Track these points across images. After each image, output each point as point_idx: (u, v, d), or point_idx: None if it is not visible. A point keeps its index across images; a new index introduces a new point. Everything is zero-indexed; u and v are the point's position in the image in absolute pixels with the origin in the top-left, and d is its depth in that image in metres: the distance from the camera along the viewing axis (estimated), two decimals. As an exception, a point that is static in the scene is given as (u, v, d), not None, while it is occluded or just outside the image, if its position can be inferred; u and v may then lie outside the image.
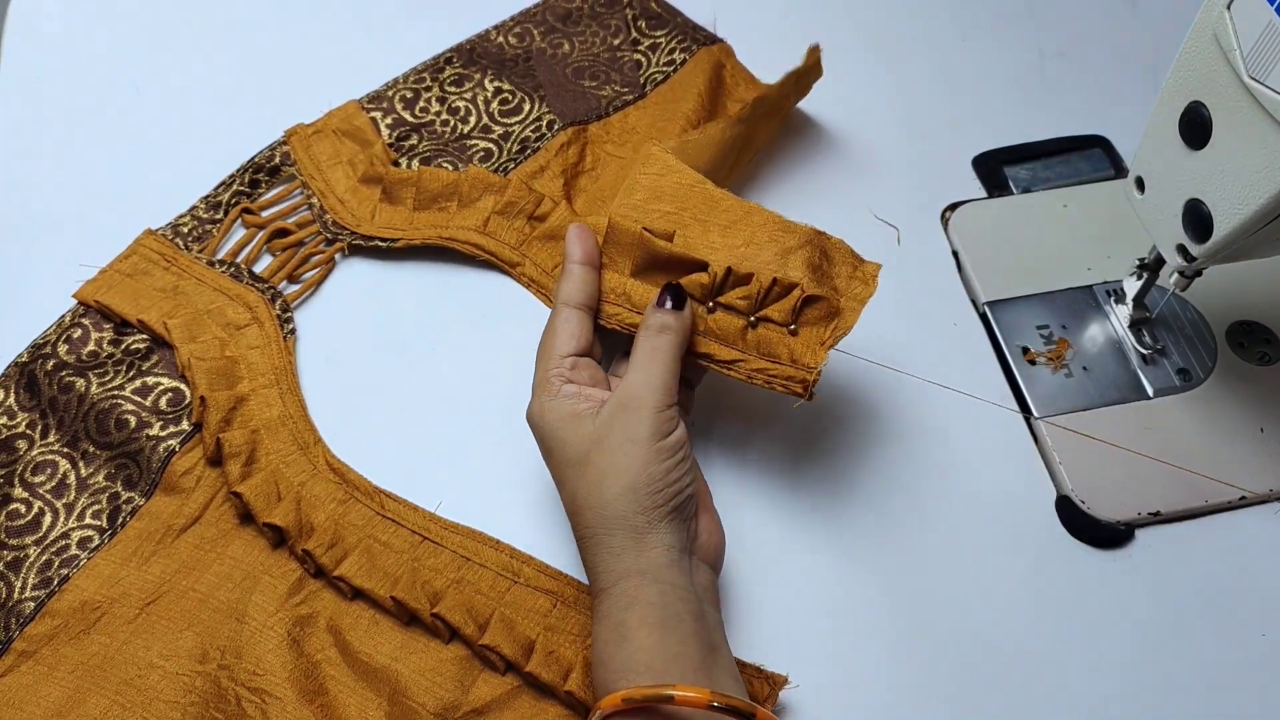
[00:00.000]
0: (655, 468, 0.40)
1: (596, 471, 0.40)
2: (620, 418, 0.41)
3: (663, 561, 0.39)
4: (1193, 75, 0.41)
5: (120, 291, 0.54)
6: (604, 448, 0.41)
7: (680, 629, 0.38)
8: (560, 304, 0.45)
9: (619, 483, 0.40)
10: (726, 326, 0.45)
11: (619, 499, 0.40)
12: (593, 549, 0.40)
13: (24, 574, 0.46)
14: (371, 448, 0.50)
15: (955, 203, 0.59)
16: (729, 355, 0.45)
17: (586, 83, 0.64)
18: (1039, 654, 0.45)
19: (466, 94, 0.63)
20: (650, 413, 0.41)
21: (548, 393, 0.43)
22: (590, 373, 0.44)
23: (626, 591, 0.39)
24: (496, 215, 0.56)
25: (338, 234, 0.57)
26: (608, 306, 0.46)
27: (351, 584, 0.45)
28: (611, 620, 0.39)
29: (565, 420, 0.42)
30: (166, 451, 0.49)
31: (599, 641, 0.39)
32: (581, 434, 0.41)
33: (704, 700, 0.36)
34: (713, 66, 0.63)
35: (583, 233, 0.46)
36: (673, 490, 0.40)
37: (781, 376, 0.44)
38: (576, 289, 0.45)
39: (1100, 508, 0.48)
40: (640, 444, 0.40)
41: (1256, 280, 0.55)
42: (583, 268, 0.45)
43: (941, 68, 0.66)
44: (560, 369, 0.43)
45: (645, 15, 0.67)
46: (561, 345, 0.44)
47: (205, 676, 0.44)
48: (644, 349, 0.43)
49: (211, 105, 0.63)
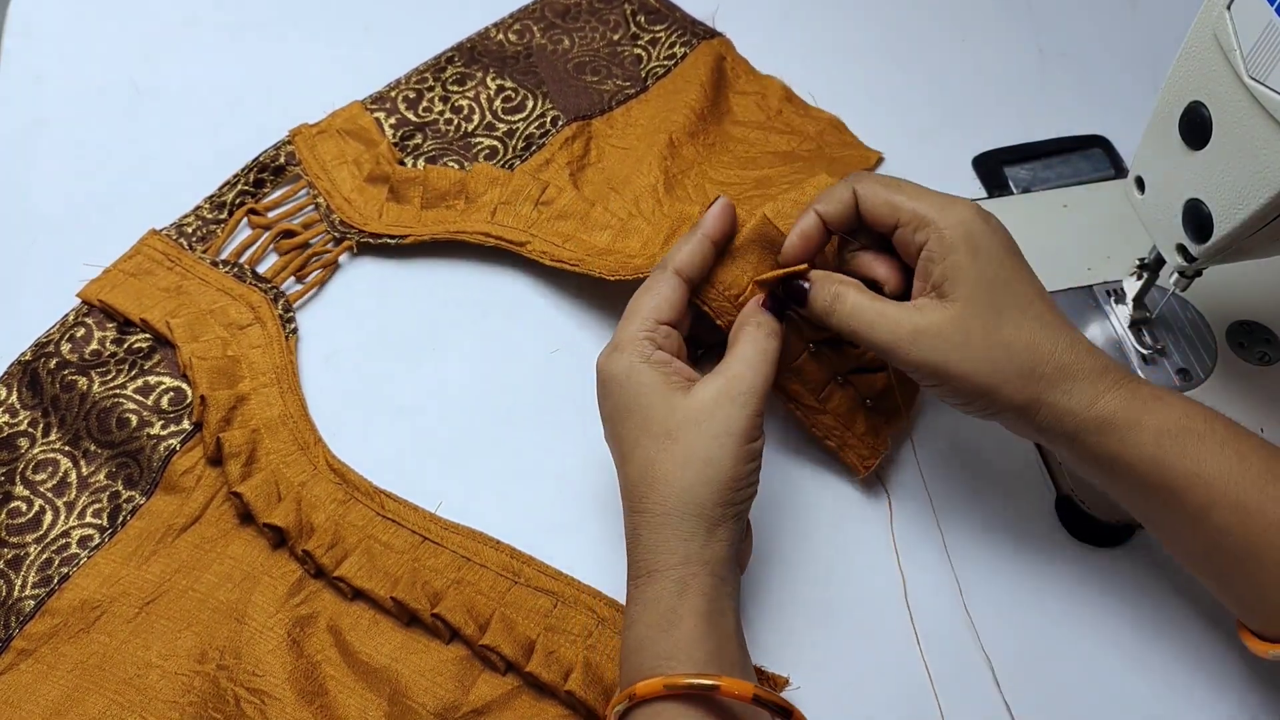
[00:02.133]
0: (743, 467, 0.40)
1: (686, 452, 0.40)
2: (725, 407, 0.40)
3: (724, 556, 0.40)
4: (1193, 75, 0.41)
5: (124, 291, 0.54)
6: (701, 432, 0.40)
7: (725, 624, 0.39)
8: (670, 267, 0.43)
9: (709, 471, 0.39)
10: (815, 373, 0.46)
11: (704, 486, 0.39)
12: (659, 526, 0.39)
13: (24, 572, 0.46)
14: (372, 448, 0.50)
15: (955, 203, 0.59)
16: (810, 400, 0.47)
17: (588, 78, 0.64)
18: (1039, 653, 0.45)
19: (469, 92, 0.63)
20: (751, 412, 0.40)
21: (638, 352, 0.41)
22: (677, 345, 0.43)
23: (683, 578, 0.39)
24: (502, 205, 0.56)
25: (345, 232, 0.57)
26: (713, 291, 0.45)
27: (352, 584, 0.45)
28: (661, 605, 0.38)
29: (656, 387, 0.41)
30: (167, 451, 0.49)
31: (640, 624, 0.39)
32: (671, 405, 0.40)
33: (749, 694, 0.36)
34: (714, 59, 0.64)
35: (726, 211, 0.44)
36: (748, 492, 0.41)
37: (852, 444, 0.48)
38: (692, 257, 0.43)
39: (1100, 508, 0.48)
40: (737, 439, 0.40)
41: (1256, 280, 0.55)
42: (705, 239, 0.44)
43: (941, 68, 0.66)
44: (653, 333, 0.42)
45: (644, 10, 0.68)
46: (660, 309, 0.42)
47: (204, 676, 0.44)
48: (753, 346, 0.42)
49: (213, 106, 0.63)
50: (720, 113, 0.62)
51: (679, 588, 0.38)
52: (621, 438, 0.41)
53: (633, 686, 0.37)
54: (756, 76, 0.64)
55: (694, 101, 0.61)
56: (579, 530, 0.48)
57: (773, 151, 0.60)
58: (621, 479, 0.41)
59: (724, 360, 0.42)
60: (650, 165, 0.58)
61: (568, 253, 0.53)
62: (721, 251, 0.45)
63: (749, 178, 0.58)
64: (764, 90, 0.63)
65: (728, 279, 0.45)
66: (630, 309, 0.43)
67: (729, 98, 0.63)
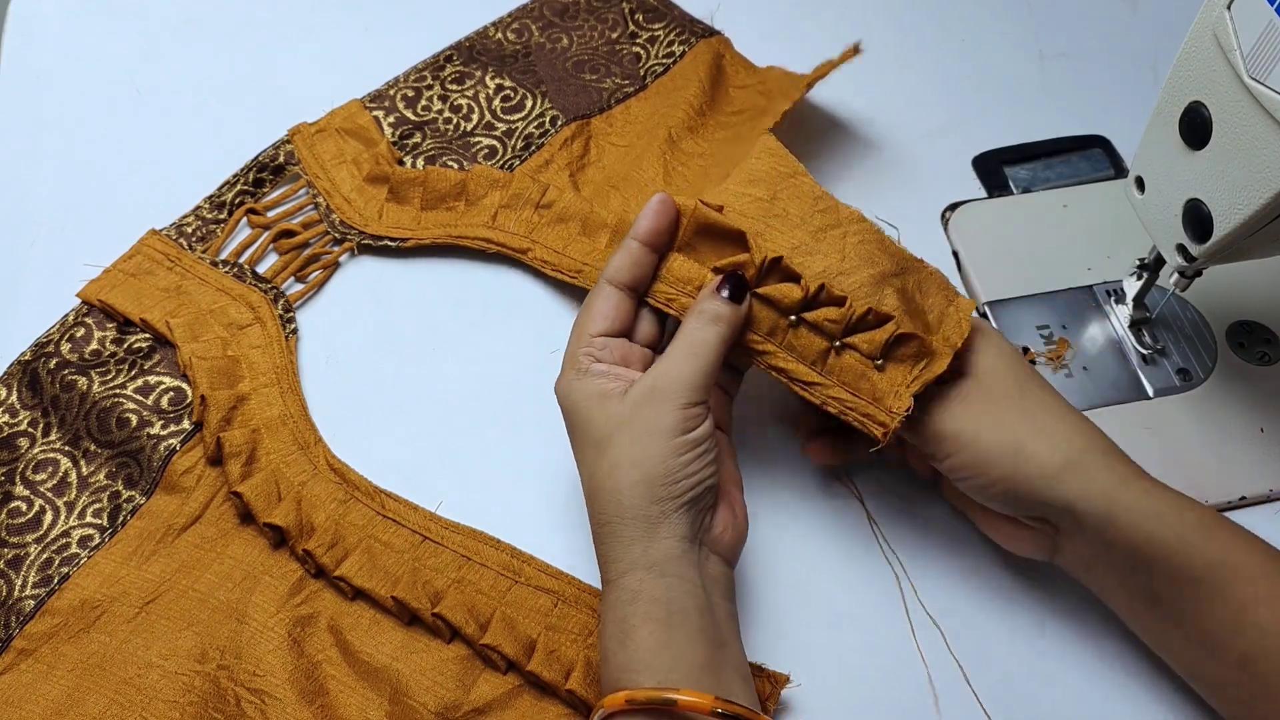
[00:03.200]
0: (674, 461, 0.39)
1: (614, 457, 0.39)
2: (647, 405, 0.39)
3: (674, 553, 0.39)
4: (1193, 75, 0.41)
5: (124, 291, 0.54)
6: (626, 433, 0.39)
7: (686, 626, 0.38)
8: (603, 280, 0.43)
9: (636, 473, 0.39)
10: (808, 345, 0.43)
11: (634, 488, 0.39)
12: (604, 536, 0.40)
13: (24, 572, 0.46)
14: (372, 448, 0.50)
15: (955, 203, 0.59)
16: (807, 376, 0.43)
17: (587, 76, 0.64)
18: (1039, 654, 0.45)
19: (468, 91, 0.63)
20: (677, 407, 0.39)
21: (575, 369, 0.41)
22: (623, 352, 0.42)
23: (630, 585, 0.38)
24: (503, 209, 0.56)
25: (346, 233, 0.57)
26: (661, 286, 0.44)
27: (352, 584, 0.45)
28: (615, 615, 0.38)
29: (592, 399, 0.40)
30: (167, 450, 0.49)
31: (603, 636, 0.39)
32: (606, 413, 0.40)
33: (707, 706, 0.35)
34: (712, 57, 0.64)
35: (661, 208, 0.43)
36: (690, 483, 0.39)
37: (860, 411, 0.42)
38: (623, 267, 0.43)
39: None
40: (664, 435, 0.39)
41: (1256, 280, 0.55)
42: (640, 246, 0.43)
43: (941, 68, 0.66)
44: (590, 348, 0.42)
45: (642, 9, 0.68)
46: (594, 324, 0.42)
47: (205, 676, 0.44)
48: (689, 338, 0.41)
49: (212, 105, 0.63)
50: (720, 107, 0.62)
51: (629, 596, 0.38)
52: (575, 455, 0.42)
53: (601, 700, 0.37)
54: (754, 70, 0.64)
55: (693, 98, 0.61)
56: (580, 529, 0.48)
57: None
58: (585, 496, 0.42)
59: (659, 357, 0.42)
60: (650, 161, 0.58)
61: (568, 261, 0.53)
62: (667, 247, 0.44)
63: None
64: (762, 82, 0.63)
65: (682, 273, 0.43)
66: (572, 328, 0.43)
67: (728, 93, 0.63)
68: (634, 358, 0.43)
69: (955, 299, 0.45)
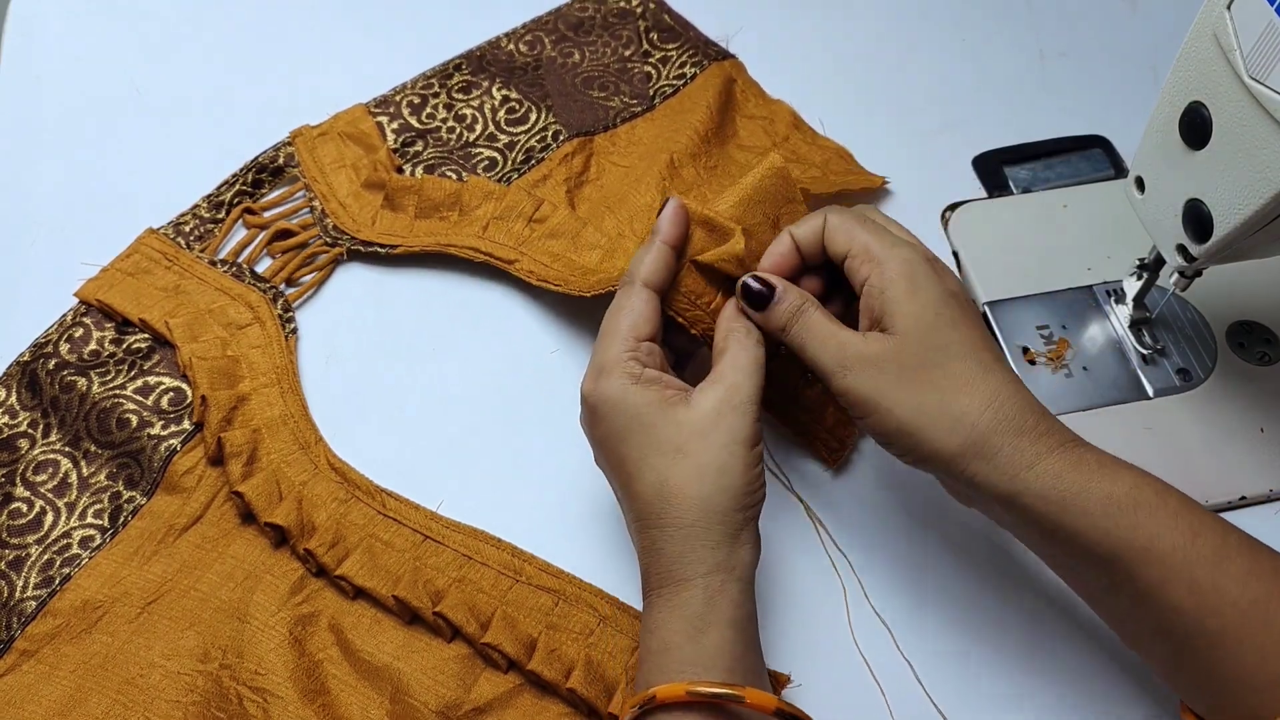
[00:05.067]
0: (753, 472, 0.40)
1: (698, 464, 0.40)
2: (728, 416, 0.40)
3: (749, 560, 0.40)
4: (1193, 75, 0.41)
5: (122, 290, 0.54)
6: (710, 443, 0.40)
7: (750, 632, 0.39)
8: (636, 280, 0.43)
9: (724, 480, 0.39)
10: (784, 374, 0.48)
11: (721, 495, 0.39)
12: (683, 539, 0.39)
13: (26, 573, 0.46)
14: (372, 447, 0.50)
15: (955, 203, 0.59)
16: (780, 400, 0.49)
17: (595, 93, 0.64)
18: (1039, 654, 0.45)
19: (474, 101, 0.63)
20: (752, 419, 0.41)
21: (627, 374, 0.41)
22: (660, 359, 0.43)
23: (712, 585, 0.39)
24: (495, 220, 0.56)
25: (338, 238, 0.57)
26: (681, 299, 0.44)
27: (353, 583, 0.45)
28: (688, 612, 0.38)
29: (655, 405, 0.40)
30: (168, 451, 0.49)
31: (665, 629, 0.39)
32: (677, 422, 0.40)
33: (772, 706, 0.36)
34: (723, 81, 0.63)
35: (678, 213, 0.43)
36: (759, 495, 0.41)
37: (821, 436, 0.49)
38: (658, 268, 0.43)
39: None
40: (745, 446, 0.40)
41: (1256, 280, 0.55)
42: (665, 246, 0.43)
43: (941, 68, 0.66)
44: (636, 351, 0.41)
45: (658, 27, 0.67)
46: (638, 326, 0.42)
47: (207, 676, 0.44)
48: (748, 354, 0.42)
49: (214, 105, 0.63)
50: (725, 136, 0.61)
51: (708, 595, 0.39)
52: (625, 458, 0.41)
53: (654, 689, 0.37)
54: (766, 100, 0.63)
55: (699, 124, 0.60)
56: (580, 528, 0.48)
57: None
58: (630, 498, 0.41)
59: (717, 368, 0.42)
60: (648, 185, 0.57)
61: (554, 273, 0.53)
62: (681, 254, 0.44)
63: None
64: (772, 115, 0.62)
65: (696, 287, 0.44)
66: (606, 329, 0.42)
67: (736, 121, 0.62)
68: (666, 367, 0.43)
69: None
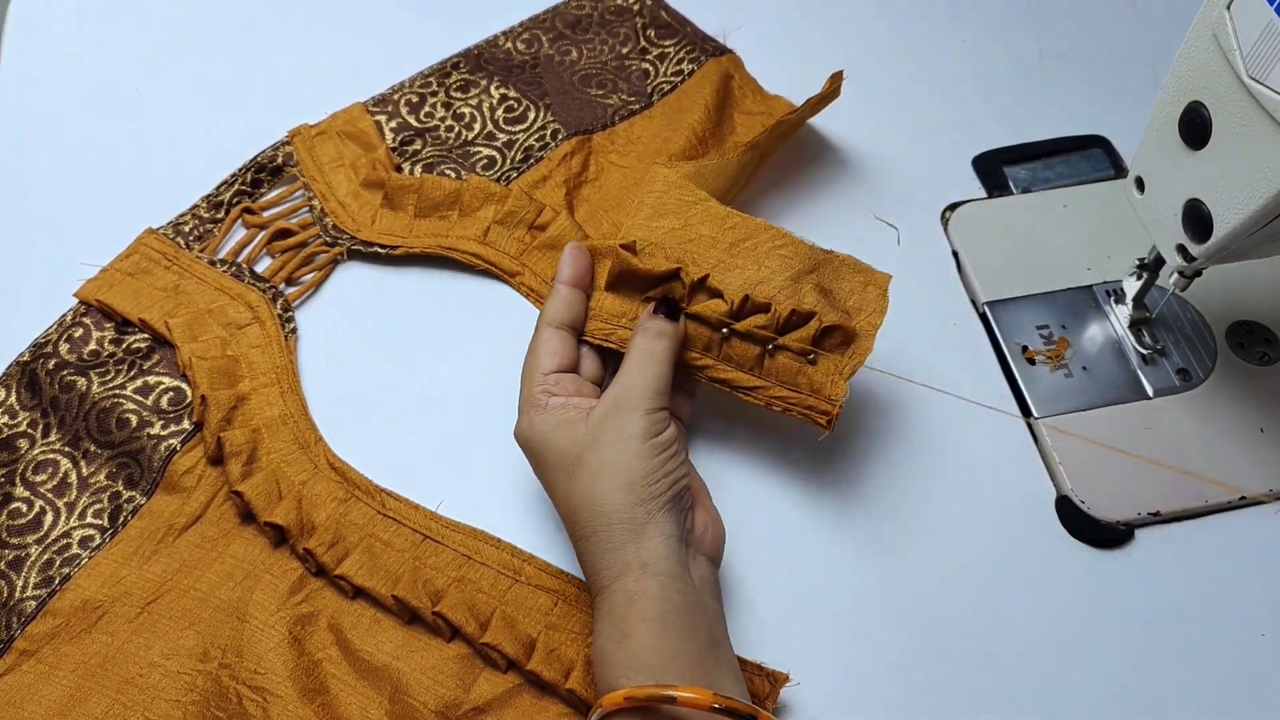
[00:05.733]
0: (650, 462, 0.41)
1: (590, 470, 0.41)
2: (614, 417, 0.42)
3: (662, 552, 0.40)
4: (1193, 75, 0.41)
5: (121, 290, 0.54)
6: (598, 446, 0.41)
7: (679, 625, 0.38)
8: (543, 324, 0.46)
9: (615, 478, 0.40)
10: (743, 353, 0.46)
11: (616, 493, 0.40)
12: (591, 547, 0.41)
13: (25, 573, 0.46)
14: (372, 447, 0.50)
15: (955, 203, 0.59)
16: (749, 382, 0.46)
17: (593, 91, 0.64)
18: (1039, 654, 0.45)
19: (472, 100, 0.63)
20: (643, 413, 0.42)
21: (535, 407, 0.43)
22: (575, 385, 0.45)
23: (626, 587, 0.39)
24: (496, 225, 0.56)
25: (337, 238, 0.57)
26: (596, 324, 0.47)
27: (353, 583, 0.45)
28: (613, 617, 0.39)
29: (555, 428, 0.42)
30: (168, 450, 0.49)
31: (599, 638, 0.39)
32: (573, 437, 0.42)
33: (706, 702, 0.36)
34: (721, 77, 0.63)
35: (576, 253, 0.47)
36: (668, 481, 0.41)
37: (802, 405, 0.45)
38: (560, 309, 0.46)
39: (1100, 508, 0.48)
40: (634, 440, 0.41)
41: (1256, 280, 0.55)
42: (569, 289, 0.46)
43: (941, 68, 0.66)
44: (544, 385, 0.44)
45: (655, 24, 0.67)
46: (544, 363, 0.45)
47: (206, 675, 0.44)
48: (640, 352, 0.44)
49: (213, 105, 0.63)
50: (723, 134, 0.61)
51: (625, 598, 0.39)
52: (546, 485, 0.43)
53: (599, 700, 0.37)
54: (764, 96, 0.63)
55: (697, 123, 0.60)
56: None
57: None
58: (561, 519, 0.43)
59: (617, 374, 0.44)
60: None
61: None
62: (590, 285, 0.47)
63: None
64: (770, 111, 0.62)
65: (614, 309, 0.46)
66: (522, 375, 0.45)
67: (734, 118, 0.62)
68: (586, 391, 0.45)
69: (872, 277, 0.47)
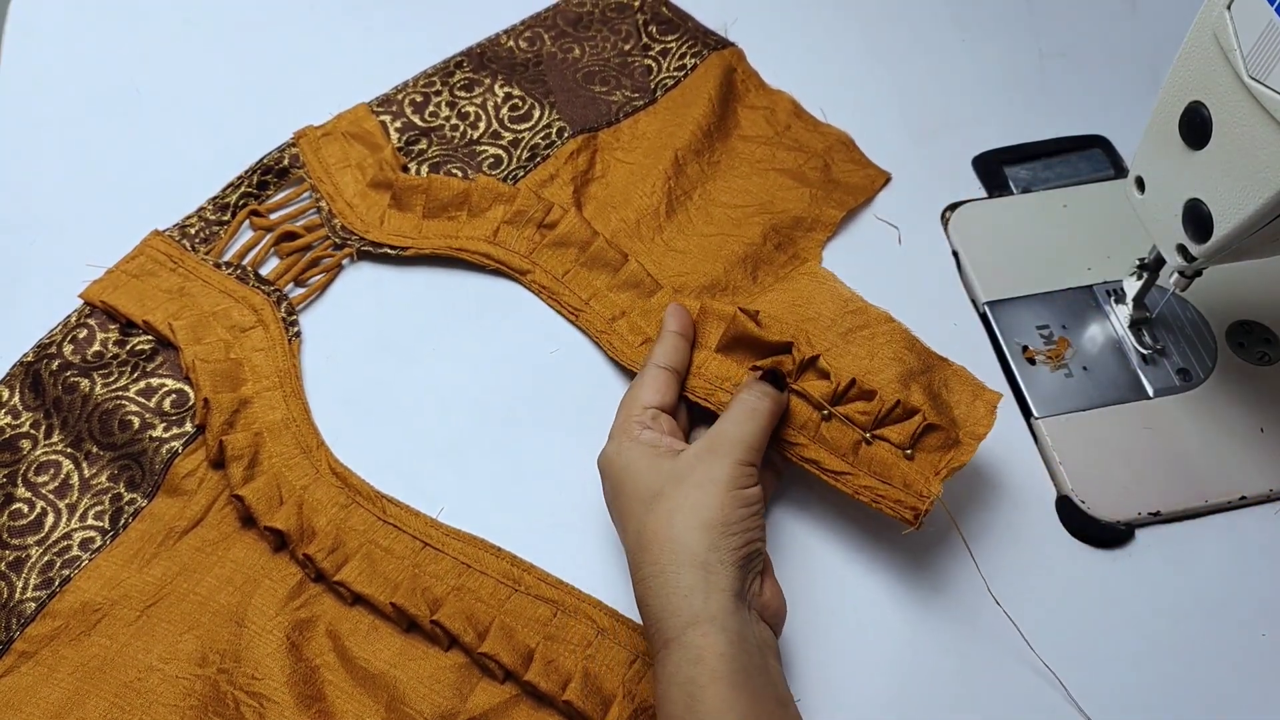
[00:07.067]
0: (731, 511, 0.40)
1: (670, 504, 0.40)
2: (704, 460, 0.41)
3: (730, 608, 0.38)
4: (1193, 75, 0.41)
5: (126, 292, 0.54)
6: (682, 483, 0.40)
7: (751, 685, 0.37)
8: (651, 364, 0.46)
9: (695, 517, 0.39)
10: (839, 437, 0.45)
11: (692, 531, 0.39)
12: (659, 589, 0.39)
13: (25, 574, 0.46)
14: (374, 453, 0.50)
15: (955, 203, 0.59)
16: (838, 466, 0.45)
17: (597, 88, 0.64)
18: (1039, 654, 0.45)
19: (476, 99, 0.63)
20: (734, 461, 0.41)
21: (626, 435, 0.43)
22: (670, 426, 0.45)
23: (694, 643, 0.37)
24: (506, 225, 0.56)
25: (346, 239, 0.57)
26: (698, 381, 0.47)
27: (352, 589, 0.45)
28: (680, 678, 0.37)
29: (643, 457, 0.42)
30: (169, 453, 0.49)
31: (667, 702, 0.37)
32: (659, 471, 0.41)
33: None
34: (724, 71, 0.63)
35: (681, 311, 0.48)
36: (745, 536, 0.40)
37: (890, 499, 0.44)
38: (669, 352, 0.47)
39: (1100, 508, 0.48)
40: (723, 485, 0.40)
41: (1256, 280, 0.55)
42: (677, 335, 0.47)
43: (941, 68, 0.66)
44: (642, 417, 0.44)
45: (656, 20, 0.67)
46: (646, 396, 0.45)
47: (204, 680, 0.44)
48: (742, 406, 0.43)
49: (218, 107, 0.63)
50: (727, 128, 0.61)
51: (694, 656, 0.37)
52: (619, 512, 0.42)
53: None
54: (766, 90, 0.64)
55: (701, 118, 0.60)
56: (581, 539, 0.48)
57: (779, 169, 0.59)
58: (626, 551, 0.42)
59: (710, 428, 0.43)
60: (653, 185, 0.58)
61: (568, 295, 0.54)
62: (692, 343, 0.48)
63: (752, 201, 0.58)
64: (773, 105, 0.62)
65: (720, 371, 0.47)
66: (621, 404, 0.45)
67: (737, 111, 0.62)
68: (679, 436, 0.45)
69: (982, 393, 0.47)
